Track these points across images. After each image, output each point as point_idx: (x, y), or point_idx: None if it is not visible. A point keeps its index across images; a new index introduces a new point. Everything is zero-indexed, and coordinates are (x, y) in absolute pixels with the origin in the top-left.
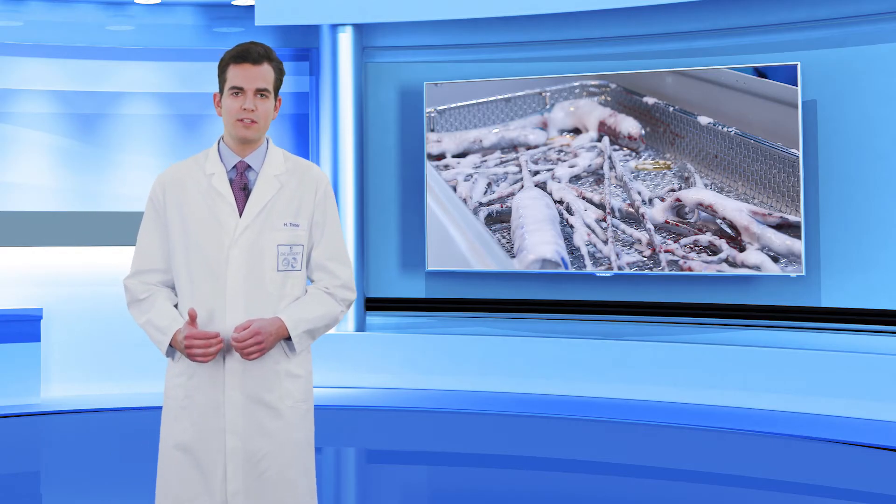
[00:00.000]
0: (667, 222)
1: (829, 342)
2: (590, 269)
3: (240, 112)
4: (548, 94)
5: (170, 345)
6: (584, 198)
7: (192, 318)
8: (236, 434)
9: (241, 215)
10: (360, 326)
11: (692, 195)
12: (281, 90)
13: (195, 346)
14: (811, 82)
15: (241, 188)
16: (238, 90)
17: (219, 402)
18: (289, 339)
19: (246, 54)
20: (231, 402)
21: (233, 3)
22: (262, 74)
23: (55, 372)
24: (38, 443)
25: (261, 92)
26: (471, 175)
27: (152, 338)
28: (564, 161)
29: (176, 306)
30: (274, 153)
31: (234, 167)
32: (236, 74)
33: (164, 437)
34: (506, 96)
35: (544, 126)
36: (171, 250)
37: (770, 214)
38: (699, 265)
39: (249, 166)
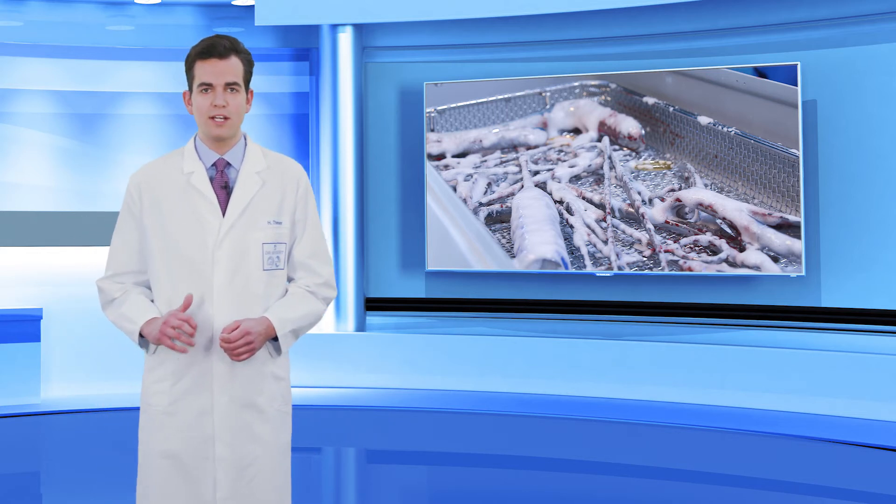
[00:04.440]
0: (667, 222)
1: (829, 342)
2: (590, 269)
3: (211, 109)
4: (548, 94)
5: (142, 336)
6: (584, 198)
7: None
8: (224, 441)
9: (223, 214)
10: (360, 326)
11: (692, 195)
12: (281, 90)
13: (169, 325)
14: (811, 82)
15: (222, 186)
16: (207, 86)
17: (206, 407)
18: (275, 339)
19: (212, 49)
20: (219, 407)
21: (233, 3)
22: (231, 68)
23: (55, 372)
24: (38, 443)
25: (230, 86)
26: (471, 175)
27: (124, 330)
28: (564, 161)
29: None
30: (253, 149)
31: (213, 165)
32: (203, 71)
33: (147, 445)
34: (506, 96)
35: (544, 126)
36: (149, 252)
37: (770, 214)
38: (699, 265)
39: (229, 164)
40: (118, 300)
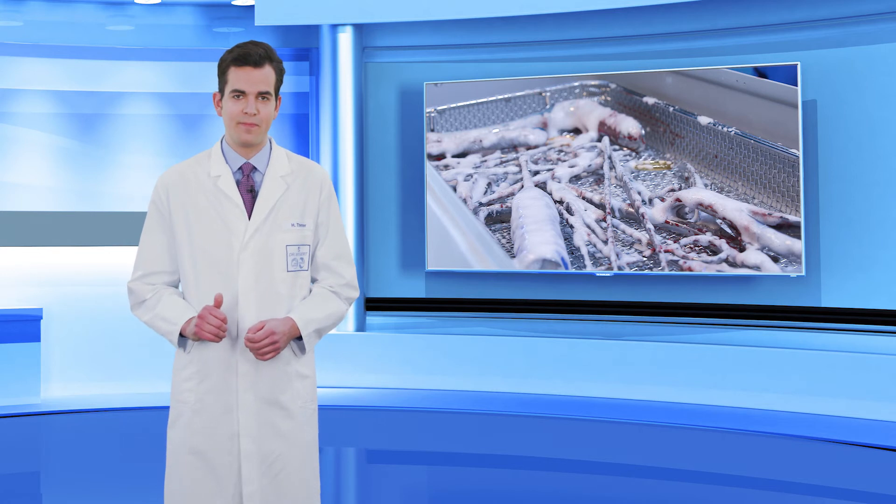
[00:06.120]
0: (667, 222)
1: (829, 342)
2: (590, 269)
3: (241, 116)
4: (548, 94)
5: (181, 335)
6: (584, 198)
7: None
8: (250, 437)
9: (249, 217)
10: (360, 326)
11: (692, 195)
12: (281, 90)
13: (206, 319)
14: (811, 82)
15: (248, 190)
16: (239, 93)
17: (231, 405)
18: (299, 338)
19: (247, 57)
20: (244, 404)
21: (233, 3)
22: (264, 77)
23: (55, 372)
24: (38, 443)
25: (262, 95)
26: (471, 175)
27: (160, 330)
28: (564, 161)
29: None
30: (278, 153)
31: (239, 168)
32: (237, 77)
33: (175, 442)
34: (506, 96)
35: (544, 126)
36: (177, 253)
37: (770, 214)
38: (699, 265)
39: (255, 168)
40: (150, 301)
